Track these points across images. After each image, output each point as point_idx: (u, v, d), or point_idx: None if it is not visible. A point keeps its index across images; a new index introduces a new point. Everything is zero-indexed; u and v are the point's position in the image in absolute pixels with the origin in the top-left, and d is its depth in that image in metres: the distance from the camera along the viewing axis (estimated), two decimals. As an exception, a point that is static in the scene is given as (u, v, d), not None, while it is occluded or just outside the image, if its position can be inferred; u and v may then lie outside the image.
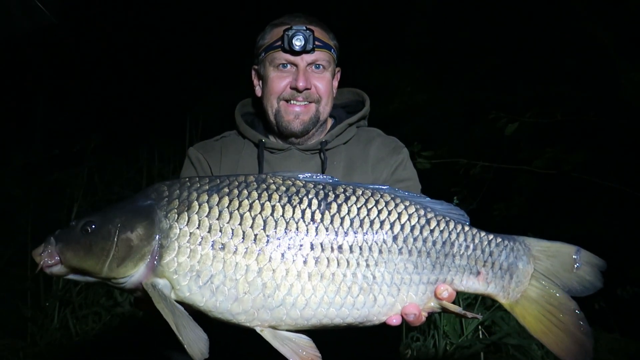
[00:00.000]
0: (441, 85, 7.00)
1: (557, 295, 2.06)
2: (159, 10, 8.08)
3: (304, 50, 2.57)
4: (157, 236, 1.87)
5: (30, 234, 5.55)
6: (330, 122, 2.90)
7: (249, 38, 2.96)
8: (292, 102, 2.65)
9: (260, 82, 2.78)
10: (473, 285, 2.05)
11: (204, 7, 8.22)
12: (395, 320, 1.96)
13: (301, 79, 2.60)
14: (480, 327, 5.12)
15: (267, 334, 1.89)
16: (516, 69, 7.14)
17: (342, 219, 1.94)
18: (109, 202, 6.20)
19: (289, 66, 2.64)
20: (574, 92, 6.74)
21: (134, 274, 1.88)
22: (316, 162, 2.74)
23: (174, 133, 7.52)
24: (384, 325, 2.00)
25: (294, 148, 2.75)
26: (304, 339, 1.93)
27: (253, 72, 2.84)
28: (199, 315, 1.89)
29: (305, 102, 2.65)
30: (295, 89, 2.62)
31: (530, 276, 2.08)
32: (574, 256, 2.07)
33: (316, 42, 2.60)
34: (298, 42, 2.55)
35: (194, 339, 1.81)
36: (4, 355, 4.68)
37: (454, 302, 2.04)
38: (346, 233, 1.93)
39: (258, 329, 1.89)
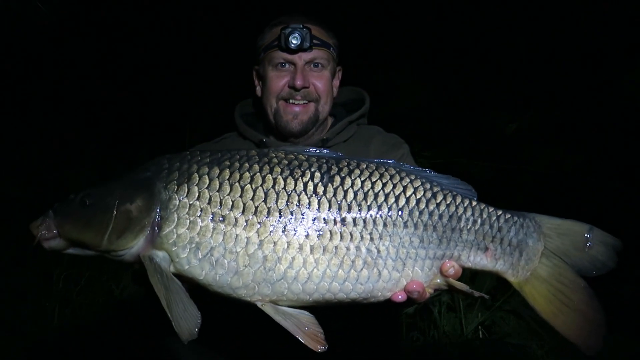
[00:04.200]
0: (441, 85, 6.99)
1: (568, 274, 2.01)
2: (159, 11, 8.10)
3: (300, 49, 2.57)
4: (157, 208, 1.84)
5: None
6: (330, 120, 2.88)
7: (249, 39, 2.97)
8: (290, 101, 2.64)
9: (260, 82, 2.78)
10: (481, 261, 2.00)
11: (204, 7, 8.24)
12: (400, 297, 1.92)
13: (299, 78, 2.59)
14: (480, 327, 5.11)
15: (268, 309, 1.86)
16: (516, 69, 7.13)
17: (346, 191, 1.90)
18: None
19: (287, 65, 2.63)
20: (574, 92, 6.74)
21: (133, 245, 1.85)
22: None
23: (173, 133, 7.53)
24: (388, 302, 1.95)
25: None
26: (306, 315, 1.89)
27: (254, 73, 2.84)
28: (198, 292, 1.86)
29: (304, 102, 2.64)
30: (293, 87, 2.61)
31: (541, 254, 2.03)
32: (586, 235, 2.02)
33: (314, 40, 2.59)
34: (295, 41, 2.54)
35: (185, 318, 1.77)
36: (4, 355, 4.67)
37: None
38: (350, 206, 1.89)
39: (259, 304, 1.85)
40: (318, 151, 2.04)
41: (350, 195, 1.91)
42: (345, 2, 7.46)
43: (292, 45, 2.55)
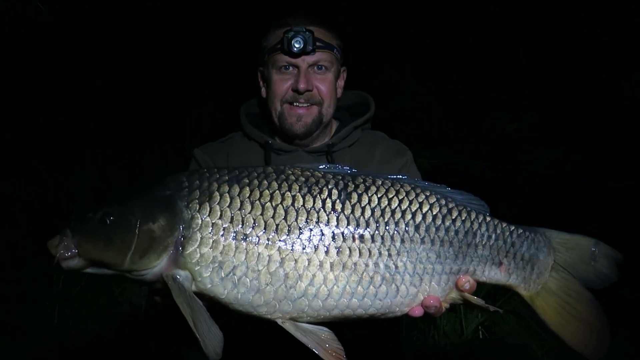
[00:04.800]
0: (441, 85, 6.99)
1: (575, 287, 2.08)
2: (160, 10, 8.06)
3: (303, 52, 2.56)
4: (180, 227, 1.84)
5: (31, 234, 5.53)
6: (335, 124, 2.89)
7: (251, 38, 2.96)
8: (294, 104, 2.64)
9: (265, 84, 2.77)
10: (495, 276, 2.05)
11: (205, 7, 8.20)
12: (417, 312, 1.96)
13: (302, 81, 2.59)
14: (480, 327, 5.14)
15: (289, 326, 1.87)
16: (517, 68, 7.14)
17: (363, 208, 1.92)
18: (118, 190, 6.20)
19: (290, 68, 2.63)
20: (574, 92, 6.75)
21: (156, 265, 1.84)
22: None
23: (174, 133, 7.51)
24: (406, 317, 1.99)
25: (301, 150, 2.75)
26: (326, 332, 1.91)
27: (258, 74, 2.83)
28: (217, 309, 1.87)
29: (308, 104, 2.64)
30: (296, 90, 2.61)
31: (550, 268, 2.09)
32: (592, 249, 2.09)
33: (317, 43, 2.58)
34: (297, 45, 2.53)
35: (210, 337, 1.78)
36: (4, 355, 4.66)
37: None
38: (367, 222, 1.91)
39: (279, 321, 1.87)
40: (334, 168, 2.07)
41: (368, 212, 1.93)
42: (346, 2, 7.43)
43: (295, 49, 2.54)
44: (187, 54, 8.02)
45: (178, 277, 1.83)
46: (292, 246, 1.84)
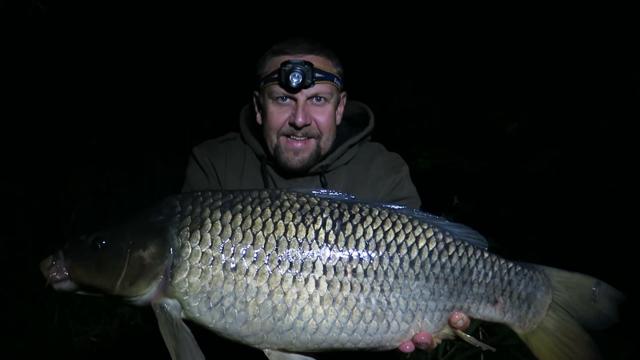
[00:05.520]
0: (441, 85, 6.98)
1: (574, 327, 2.03)
2: (159, 11, 8.05)
3: (302, 86, 2.43)
4: (170, 254, 1.82)
5: (31, 234, 5.53)
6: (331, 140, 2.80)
7: (251, 37, 2.91)
8: (291, 137, 2.52)
9: (260, 111, 2.65)
10: (489, 314, 2.01)
11: (205, 8, 8.18)
12: (408, 347, 1.92)
13: (299, 115, 2.46)
14: (480, 327, 5.12)
15: (274, 357, 1.85)
16: (517, 68, 7.12)
17: (357, 241, 1.88)
18: (117, 211, 6.18)
19: (288, 100, 2.50)
20: (574, 92, 6.73)
21: (146, 293, 1.83)
22: (317, 185, 2.62)
23: (174, 133, 7.50)
24: (395, 351, 1.96)
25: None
26: None
27: (254, 98, 2.70)
28: (208, 335, 1.86)
29: (305, 138, 2.53)
30: (293, 125, 2.49)
31: (548, 307, 2.04)
32: (593, 288, 2.03)
33: (316, 74, 2.44)
34: (295, 79, 2.40)
35: None
36: (4, 355, 4.67)
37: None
38: (361, 256, 1.87)
39: (266, 352, 1.85)
40: (330, 193, 2.02)
41: (362, 244, 1.89)
42: (346, 2, 7.41)
43: (293, 84, 2.40)
44: (187, 54, 8.01)
45: (166, 305, 1.81)
46: (282, 278, 1.81)
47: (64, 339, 5.03)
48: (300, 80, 2.41)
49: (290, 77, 2.40)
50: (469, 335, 1.99)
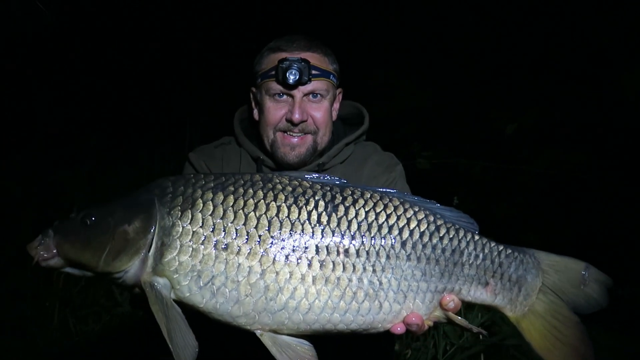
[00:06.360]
0: (442, 85, 6.99)
1: (563, 310, 2.04)
2: (159, 11, 8.08)
3: (299, 83, 2.47)
4: (153, 229, 1.83)
5: (31, 234, 5.52)
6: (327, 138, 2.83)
7: (250, 37, 2.92)
8: (288, 133, 2.56)
9: (257, 107, 2.69)
10: (480, 296, 2.02)
11: (204, 9, 8.21)
12: (399, 329, 1.92)
13: (296, 112, 2.50)
14: (480, 327, 5.11)
15: (266, 339, 1.85)
16: (517, 68, 7.13)
17: (349, 222, 1.89)
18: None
19: (284, 96, 2.54)
20: (574, 92, 6.75)
21: (129, 269, 1.84)
22: None
23: (173, 133, 7.51)
24: (387, 334, 1.96)
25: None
26: (305, 346, 1.89)
27: (251, 94, 2.74)
28: (198, 318, 1.86)
29: (301, 134, 2.56)
30: (290, 121, 2.53)
31: (538, 290, 2.05)
32: (582, 272, 2.05)
33: (313, 72, 2.49)
34: (292, 77, 2.44)
35: (183, 346, 1.77)
36: (4, 355, 4.67)
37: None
38: (353, 237, 1.88)
39: (258, 333, 1.85)
40: (322, 178, 2.03)
41: (354, 225, 1.90)
42: (346, 2, 7.43)
43: (290, 81, 2.45)
44: (187, 54, 8.03)
45: (156, 284, 1.82)
46: (274, 258, 1.81)
47: (64, 339, 5.02)
48: (297, 77, 2.44)
49: (287, 74, 2.44)
50: (460, 317, 1.99)
